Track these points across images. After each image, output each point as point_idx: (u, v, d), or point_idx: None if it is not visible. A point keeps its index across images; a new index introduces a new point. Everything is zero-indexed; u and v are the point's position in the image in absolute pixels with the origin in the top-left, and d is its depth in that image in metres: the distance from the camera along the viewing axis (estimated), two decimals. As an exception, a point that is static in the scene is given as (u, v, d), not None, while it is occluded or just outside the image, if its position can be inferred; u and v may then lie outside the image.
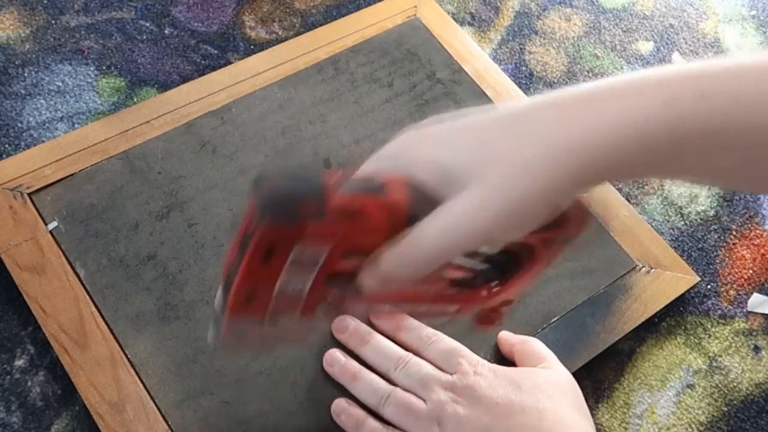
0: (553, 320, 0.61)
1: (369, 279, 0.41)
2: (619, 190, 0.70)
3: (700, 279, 0.66)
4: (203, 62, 0.73)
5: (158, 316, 0.57)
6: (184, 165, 0.64)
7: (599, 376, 0.62)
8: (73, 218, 0.60)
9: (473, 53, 0.74)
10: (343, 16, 0.79)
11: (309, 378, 0.56)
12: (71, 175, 0.62)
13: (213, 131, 0.66)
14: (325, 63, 0.71)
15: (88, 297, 0.57)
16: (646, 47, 0.83)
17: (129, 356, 0.55)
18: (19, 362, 0.56)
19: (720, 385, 0.63)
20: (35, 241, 0.59)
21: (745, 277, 0.68)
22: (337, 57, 0.71)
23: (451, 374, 0.53)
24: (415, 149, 0.42)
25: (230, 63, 0.71)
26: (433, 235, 0.38)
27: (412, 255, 0.39)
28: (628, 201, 0.69)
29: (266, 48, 0.73)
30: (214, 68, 0.71)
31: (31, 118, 0.67)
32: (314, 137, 0.66)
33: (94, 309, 0.57)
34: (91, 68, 0.71)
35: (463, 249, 0.40)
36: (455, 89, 0.71)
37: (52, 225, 0.60)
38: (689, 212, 0.71)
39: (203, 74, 0.70)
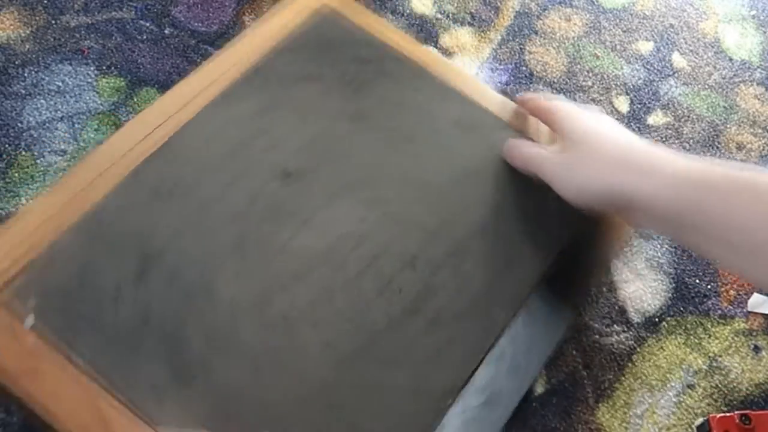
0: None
1: None
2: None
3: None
4: (203, 62, 0.73)
5: (175, 381, 0.54)
6: (143, 218, 0.60)
7: (599, 376, 0.62)
8: (48, 308, 0.55)
9: (389, 28, 0.71)
10: (343, 16, 0.79)
11: None
12: (29, 263, 0.56)
13: (160, 173, 0.62)
14: (251, 72, 0.67)
15: (95, 384, 0.53)
16: (646, 47, 0.83)
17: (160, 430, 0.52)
18: None
19: (720, 385, 0.63)
20: (18, 345, 0.53)
21: (745, 277, 0.68)
22: (260, 64, 0.68)
23: None
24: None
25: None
26: None
27: None
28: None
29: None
30: (214, 68, 0.71)
31: (31, 118, 0.67)
32: (265, 150, 0.64)
33: (106, 394, 0.53)
34: (91, 68, 0.71)
35: None
36: (385, 66, 0.69)
37: (29, 322, 0.54)
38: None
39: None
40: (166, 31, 0.74)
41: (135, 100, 0.70)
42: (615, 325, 0.65)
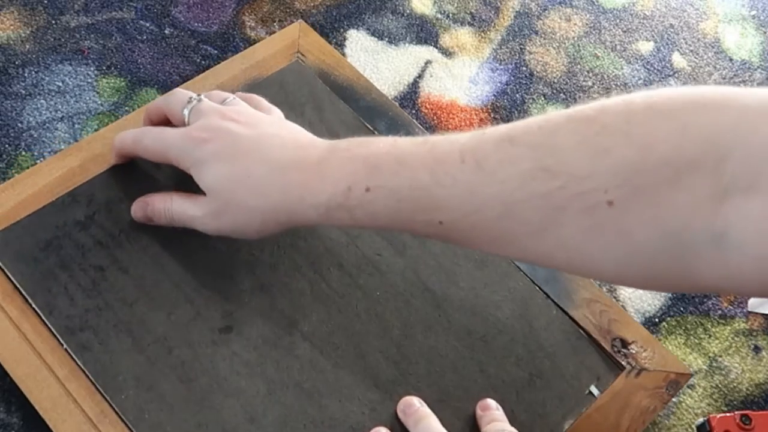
0: None
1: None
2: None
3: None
4: (203, 62, 0.73)
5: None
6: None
7: (598, 375, 0.62)
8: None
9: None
10: (343, 16, 0.79)
11: None
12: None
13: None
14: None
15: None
16: (646, 47, 0.83)
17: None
18: None
19: (720, 386, 0.63)
20: None
21: (745, 276, 0.68)
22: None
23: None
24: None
25: (227, 59, 0.71)
26: None
27: None
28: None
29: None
30: (214, 68, 0.71)
31: (31, 118, 0.67)
32: None
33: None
34: (91, 68, 0.71)
35: None
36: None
37: None
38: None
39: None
40: (166, 31, 0.75)
41: (135, 100, 0.70)
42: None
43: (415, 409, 0.54)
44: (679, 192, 0.40)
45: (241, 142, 0.52)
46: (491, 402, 0.56)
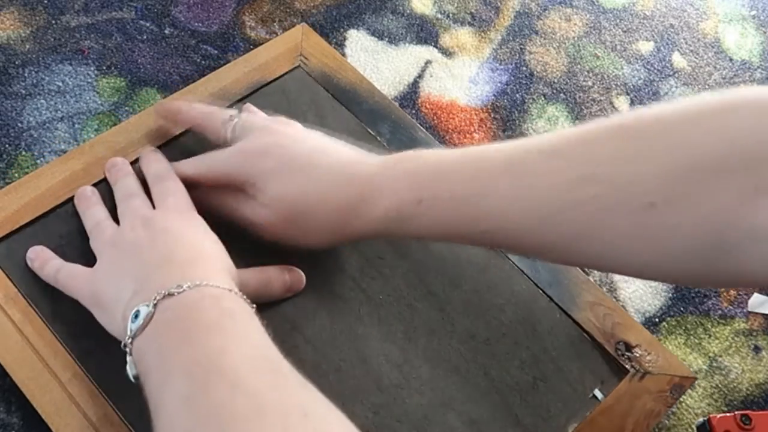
0: None
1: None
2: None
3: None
4: (203, 62, 0.73)
5: None
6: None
7: (600, 377, 0.62)
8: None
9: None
10: (344, 16, 0.79)
11: None
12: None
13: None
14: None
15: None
16: (646, 47, 0.83)
17: None
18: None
19: (720, 385, 0.64)
20: None
21: (746, 277, 0.69)
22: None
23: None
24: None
25: (230, 62, 0.71)
26: None
27: None
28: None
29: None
30: (214, 68, 0.71)
31: (31, 118, 0.67)
32: None
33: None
34: (92, 68, 0.71)
35: None
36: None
37: None
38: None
39: (203, 74, 0.70)
40: (166, 31, 0.74)
41: (135, 100, 0.69)
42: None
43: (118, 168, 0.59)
44: (719, 191, 0.42)
45: (296, 157, 0.54)
46: None
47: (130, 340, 0.45)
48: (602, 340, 0.61)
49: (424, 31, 0.80)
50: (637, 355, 0.61)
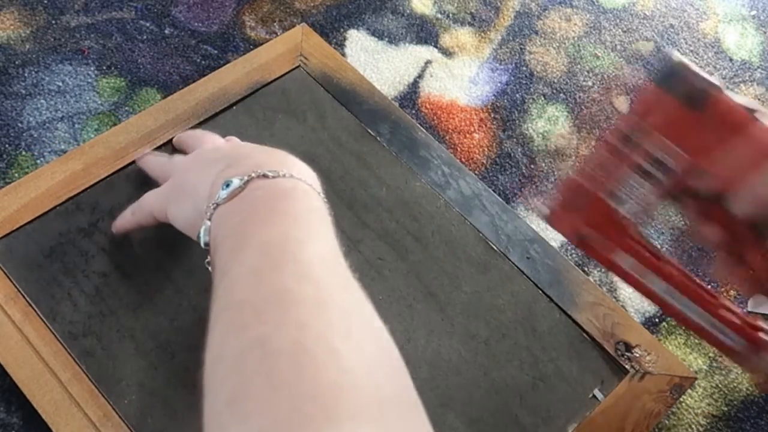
0: None
1: (743, 203, 0.43)
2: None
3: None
4: (203, 62, 0.73)
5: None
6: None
7: (600, 377, 0.62)
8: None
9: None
10: (344, 16, 0.79)
11: None
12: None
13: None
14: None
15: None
16: (646, 47, 0.83)
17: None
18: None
19: (720, 385, 0.64)
20: None
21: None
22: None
23: None
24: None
25: (230, 62, 0.71)
26: None
27: None
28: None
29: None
30: (214, 68, 0.71)
31: (31, 118, 0.67)
32: None
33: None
34: (92, 68, 0.71)
35: None
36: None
37: None
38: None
39: (203, 74, 0.70)
40: (166, 31, 0.74)
41: (135, 99, 0.69)
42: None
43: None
44: None
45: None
46: None
47: (213, 207, 0.45)
48: (602, 341, 0.61)
49: (424, 31, 0.80)
50: (637, 355, 0.61)
